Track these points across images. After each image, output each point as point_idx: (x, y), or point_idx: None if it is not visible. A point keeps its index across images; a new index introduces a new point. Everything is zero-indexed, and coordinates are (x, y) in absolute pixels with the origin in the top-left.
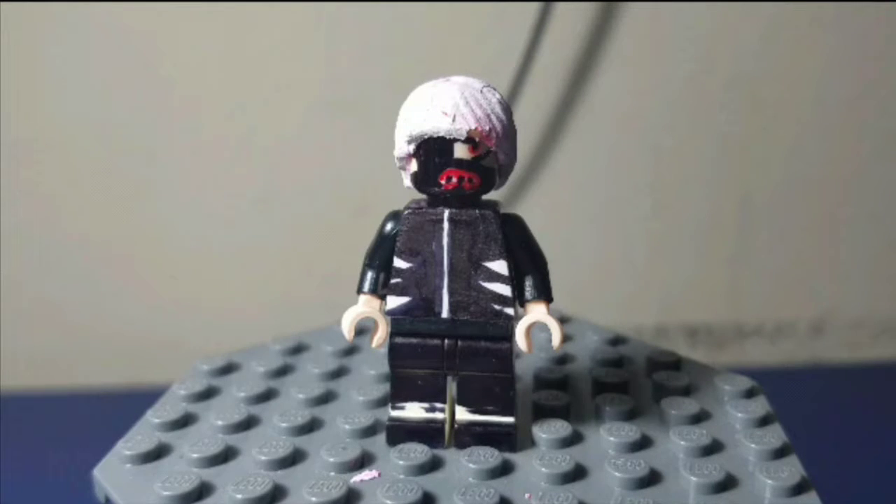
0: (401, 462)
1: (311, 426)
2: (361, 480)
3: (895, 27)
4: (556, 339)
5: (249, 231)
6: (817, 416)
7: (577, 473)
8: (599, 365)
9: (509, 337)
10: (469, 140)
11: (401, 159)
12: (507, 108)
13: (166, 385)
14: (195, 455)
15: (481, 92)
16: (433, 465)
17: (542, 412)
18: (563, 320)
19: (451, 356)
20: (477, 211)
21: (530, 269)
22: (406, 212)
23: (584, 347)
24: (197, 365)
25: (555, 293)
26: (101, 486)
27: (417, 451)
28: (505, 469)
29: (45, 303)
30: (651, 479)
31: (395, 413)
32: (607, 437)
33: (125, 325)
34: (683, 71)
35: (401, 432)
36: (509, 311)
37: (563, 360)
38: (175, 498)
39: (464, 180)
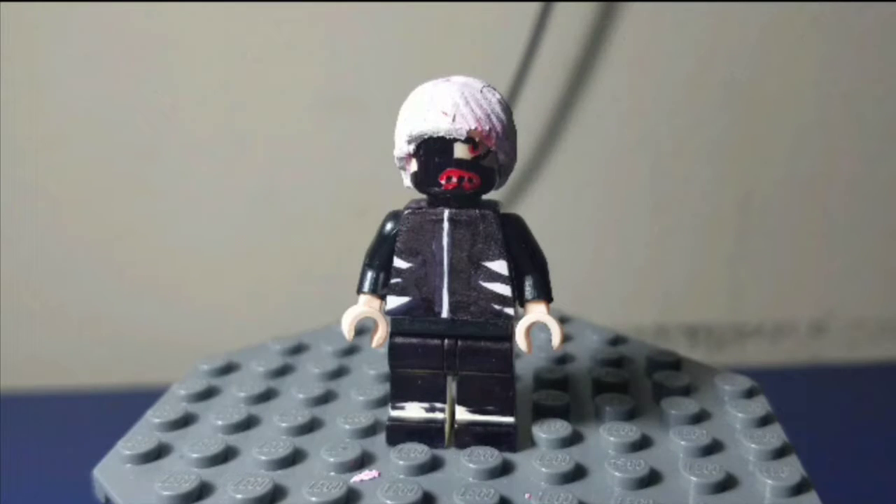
0: (401, 462)
1: (311, 426)
2: (361, 480)
3: (895, 27)
4: (556, 339)
5: (249, 231)
6: (817, 416)
7: (577, 473)
8: (599, 365)
9: (509, 337)
10: (469, 140)
11: (401, 159)
12: (507, 108)
13: (166, 385)
14: (195, 455)
15: (481, 92)
16: (433, 465)
17: (542, 412)
18: (563, 320)
19: (451, 356)
20: (477, 211)
21: (530, 268)
22: (406, 212)
23: (584, 347)
24: (197, 365)
25: (555, 293)
26: (101, 486)
27: (417, 451)
28: (505, 469)
29: (45, 303)
30: (651, 479)
31: (395, 413)
32: (607, 437)
33: (125, 325)
34: (683, 71)
35: (401, 432)
36: (509, 311)
37: (563, 360)
38: (175, 498)
39: (464, 180)
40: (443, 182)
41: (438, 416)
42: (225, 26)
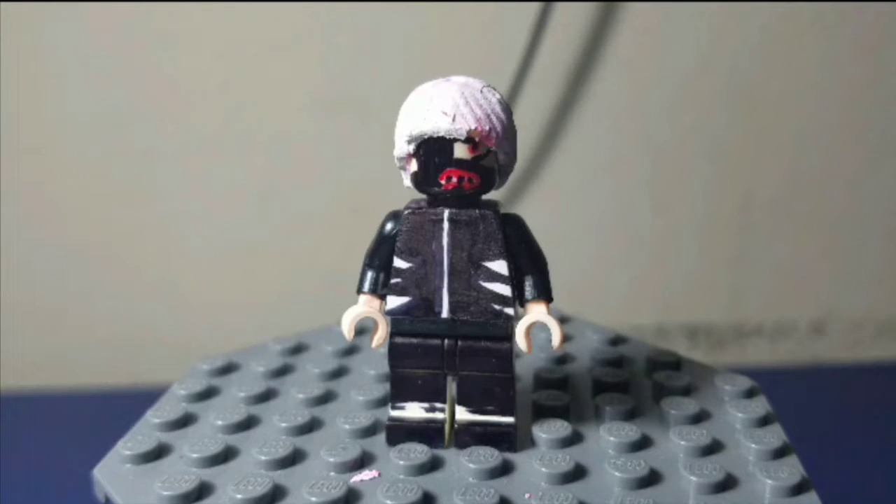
0: (401, 462)
1: (311, 426)
2: (361, 480)
3: (895, 27)
4: (556, 339)
5: (249, 230)
6: (817, 416)
7: (577, 473)
8: (599, 365)
9: (509, 337)
10: (469, 140)
11: (401, 159)
12: (507, 108)
13: (166, 385)
14: (195, 455)
15: (481, 92)
16: (433, 465)
17: (542, 412)
18: (563, 320)
19: (451, 356)
20: (477, 211)
21: (530, 268)
22: (406, 212)
23: (584, 347)
24: (197, 365)
25: (555, 293)
26: (101, 486)
27: (417, 451)
28: (505, 469)
29: (45, 303)
30: (651, 479)
31: (395, 413)
32: (607, 437)
33: (125, 325)
34: (683, 71)
35: (401, 432)
36: (509, 311)
37: (563, 360)
38: (175, 498)
39: (464, 180)
40: (443, 182)
41: (438, 416)
42: (225, 26)
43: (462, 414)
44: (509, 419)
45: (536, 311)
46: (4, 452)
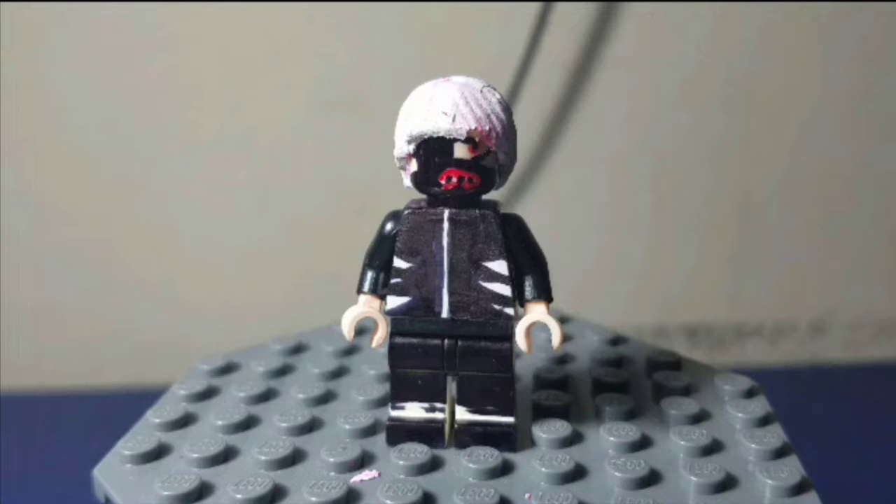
0: (401, 462)
1: (311, 426)
2: (361, 480)
3: (895, 27)
4: (556, 339)
5: (249, 231)
6: (817, 416)
7: (577, 473)
8: (599, 365)
9: (509, 337)
10: (469, 140)
11: (401, 159)
12: (507, 108)
13: (166, 385)
14: (195, 455)
15: (481, 92)
16: (433, 465)
17: (542, 412)
18: (563, 320)
19: (451, 356)
20: (477, 211)
21: (530, 268)
22: (406, 212)
23: (584, 347)
24: (197, 365)
25: (555, 293)
26: (101, 486)
27: (417, 451)
28: (505, 469)
29: (45, 303)
30: (651, 479)
31: (395, 413)
32: (607, 437)
33: (125, 325)
34: (683, 71)
35: (401, 432)
36: (509, 311)
37: (563, 360)
38: (175, 498)
39: (464, 180)
40: (443, 182)
41: (438, 416)
42: (225, 26)
43: (462, 414)
44: (509, 419)
45: (536, 311)
46: (4, 452)
